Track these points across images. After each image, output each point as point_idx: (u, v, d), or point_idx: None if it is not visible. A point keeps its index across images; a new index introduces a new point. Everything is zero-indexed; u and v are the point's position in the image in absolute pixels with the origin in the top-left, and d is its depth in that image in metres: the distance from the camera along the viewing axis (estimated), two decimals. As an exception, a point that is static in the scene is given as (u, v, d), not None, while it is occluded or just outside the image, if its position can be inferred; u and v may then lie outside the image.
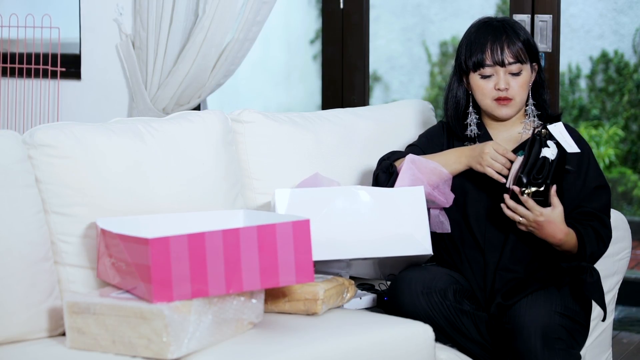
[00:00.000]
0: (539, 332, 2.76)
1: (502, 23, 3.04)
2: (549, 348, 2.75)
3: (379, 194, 2.97)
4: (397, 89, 7.37)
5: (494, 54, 2.99)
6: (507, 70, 3.00)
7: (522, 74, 3.01)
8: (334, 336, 2.65)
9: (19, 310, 2.58)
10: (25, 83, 4.39)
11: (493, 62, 2.99)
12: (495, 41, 3.00)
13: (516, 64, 2.99)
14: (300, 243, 2.55)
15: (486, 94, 3.03)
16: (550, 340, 2.76)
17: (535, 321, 2.77)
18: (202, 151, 2.96)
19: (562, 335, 2.80)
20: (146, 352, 2.43)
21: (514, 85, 3.00)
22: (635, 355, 4.35)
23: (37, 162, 2.70)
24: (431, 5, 7.27)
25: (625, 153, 6.92)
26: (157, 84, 4.10)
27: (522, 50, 3.00)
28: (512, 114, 3.05)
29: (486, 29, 3.03)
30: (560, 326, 2.80)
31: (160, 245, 2.41)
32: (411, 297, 2.87)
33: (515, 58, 2.99)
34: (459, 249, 3.04)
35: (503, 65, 2.99)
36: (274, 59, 7.29)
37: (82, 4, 4.33)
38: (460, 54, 3.06)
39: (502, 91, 3.00)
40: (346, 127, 3.39)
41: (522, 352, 2.76)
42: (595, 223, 2.94)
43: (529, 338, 2.75)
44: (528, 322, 2.77)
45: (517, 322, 2.79)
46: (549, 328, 2.77)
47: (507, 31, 3.01)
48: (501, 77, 3.00)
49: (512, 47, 2.99)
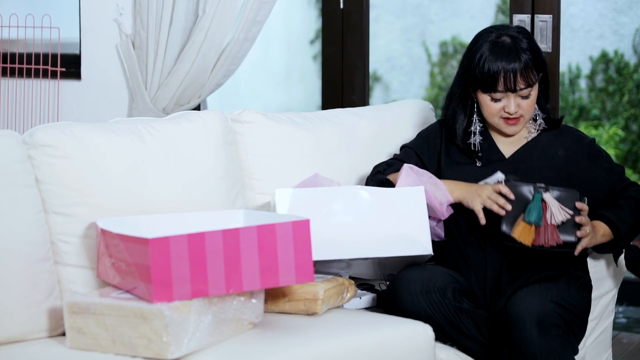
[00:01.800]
0: (534, 320, 2.77)
1: (511, 41, 2.98)
2: (545, 334, 2.76)
3: (379, 194, 2.97)
4: (397, 89, 7.37)
5: (506, 81, 2.96)
6: (517, 95, 3.00)
7: (531, 95, 3.01)
8: (334, 336, 2.65)
9: (19, 310, 2.57)
10: (25, 83, 4.39)
11: (505, 89, 2.98)
12: (509, 69, 2.96)
13: (527, 88, 2.99)
14: (300, 243, 2.55)
15: (494, 113, 3.03)
16: (546, 327, 2.77)
17: (530, 309, 2.79)
18: (202, 151, 2.96)
19: (559, 322, 2.81)
20: (146, 352, 2.43)
21: (523, 105, 3.01)
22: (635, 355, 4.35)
23: (37, 162, 2.70)
24: (431, 5, 7.26)
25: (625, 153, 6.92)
26: (157, 84, 4.10)
27: (533, 71, 2.98)
28: (520, 130, 3.07)
29: (499, 52, 2.97)
30: (555, 313, 2.81)
31: (160, 245, 2.41)
32: (410, 296, 2.87)
33: (527, 84, 2.98)
34: (460, 249, 3.04)
35: (514, 91, 2.99)
36: (274, 59, 7.29)
37: (82, 4, 4.33)
38: (471, 69, 3.01)
39: (513, 114, 3.01)
40: (346, 127, 3.38)
41: (518, 340, 2.77)
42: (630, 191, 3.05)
43: (524, 326, 2.77)
44: (523, 311, 2.79)
45: (513, 311, 2.80)
46: (544, 315, 2.79)
47: (520, 55, 2.96)
48: (512, 101, 3.00)
49: (524, 73, 2.96)
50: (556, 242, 2.89)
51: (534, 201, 2.90)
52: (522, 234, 2.90)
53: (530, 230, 2.90)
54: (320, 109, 4.19)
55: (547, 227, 2.89)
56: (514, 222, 2.91)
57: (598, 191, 3.05)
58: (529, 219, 2.89)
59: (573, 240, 2.91)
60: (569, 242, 2.90)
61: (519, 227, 2.90)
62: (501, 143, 3.10)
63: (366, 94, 4.38)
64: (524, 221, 2.90)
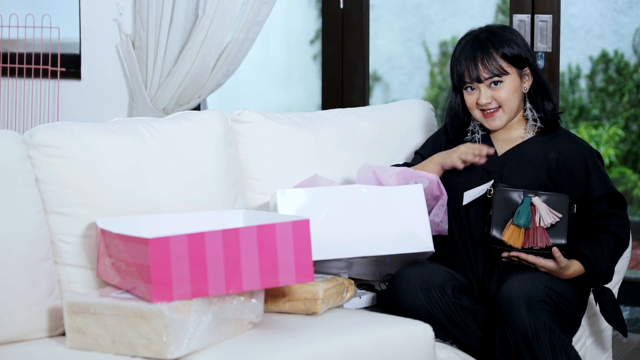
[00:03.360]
0: (522, 297, 2.79)
1: (485, 35, 3.07)
2: (533, 310, 2.78)
3: (379, 193, 2.98)
4: (397, 89, 7.37)
5: (470, 71, 3.05)
6: (486, 85, 3.04)
7: (503, 85, 3.04)
8: (334, 336, 2.66)
9: (19, 310, 2.57)
10: (25, 83, 4.39)
11: (470, 79, 3.05)
12: (471, 58, 3.05)
13: (493, 77, 3.03)
14: (300, 243, 2.55)
15: (472, 107, 3.10)
16: (534, 302, 2.79)
17: (520, 288, 2.81)
18: (202, 151, 2.96)
19: (547, 300, 2.83)
20: (146, 352, 2.43)
21: (497, 96, 3.05)
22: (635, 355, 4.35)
23: (37, 162, 2.70)
24: (431, 5, 7.27)
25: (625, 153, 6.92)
26: (157, 84, 4.10)
27: (497, 62, 3.03)
28: (501, 125, 3.09)
29: (465, 45, 3.08)
30: (545, 294, 2.84)
31: (160, 245, 2.41)
32: (410, 293, 2.88)
33: (491, 73, 3.03)
34: (458, 245, 3.05)
35: (480, 81, 3.04)
36: (274, 59, 7.29)
37: (82, 4, 4.33)
38: (452, 70, 3.12)
39: (484, 105, 3.05)
40: (346, 127, 3.39)
41: (507, 317, 2.79)
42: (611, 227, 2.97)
43: (512, 303, 2.79)
44: (512, 290, 2.81)
45: (503, 292, 2.83)
46: (532, 293, 2.81)
47: (484, 46, 3.05)
48: (482, 92, 3.06)
49: (487, 62, 3.04)
50: (545, 243, 2.91)
51: (522, 205, 2.93)
52: (511, 236, 2.92)
53: (519, 233, 2.92)
54: (320, 109, 4.19)
55: (536, 229, 2.91)
56: (503, 227, 2.93)
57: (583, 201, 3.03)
58: (517, 222, 2.92)
59: (563, 242, 2.92)
60: (559, 245, 2.91)
61: (509, 230, 2.93)
62: (498, 142, 3.13)
63: (366, 94, 4.38)
64: (513, 224, 2.92)
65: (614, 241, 2.97)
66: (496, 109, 3.06)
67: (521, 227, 2.92)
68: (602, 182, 3.02)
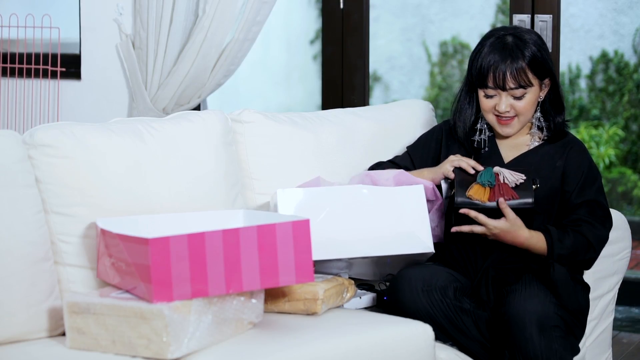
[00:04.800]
0: (535, 321, 2.76)
1: (513, 40, 2.99)
2: (546, 336, 2.76)
3: (380, 193, 2.98)
4: (397, 89, 7.37)
5: (496, 78, 2.97)
6: (509, 94, 2.99)
7: (525, 97, 2.99)
8: (334, 336, 2.66)
9: (19, 310, 2.57)
10: (25, 83, 4.39)
11: (495, 86, 2.99)
12: (499, 65, 2.96)
13: (518, 89, 2.98)
14: (300, 243, 2.55)
15: (487, 111, 3.04)
16: (547, 328, 2.77)
17: (531, 310, 2.78)
18: (202, 151, 2.96)
19: (559, 323, 2.80)
20: (146, 352, 2.43)
21: (517, 106, 3.00)
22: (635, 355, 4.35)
23: (37, 162, 2.70)
24: (431, 5, 7.27)
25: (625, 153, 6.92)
26: (157, 84, 4.10)
27: (526, 74, 2.97)
28: (513, 133, 3.06)
29: (494, 48, 2.98)
30: (556, 314, 2.81)
31: (160, 245, 2.41)
32: (412, 294, 2.87)
33: (517, 84, 2.97)
34: (458, 246, 3.04)
35: (505, 90, 2.99)
36: (274, 59, 7.29)
37: (82, 4, 4.33)
38: (471, 66, 3.04)
39: (503, 113, 3.01)
40: (346, 127, 3.39)
41: (519, 342, 2.76)
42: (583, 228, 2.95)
43: (525, 327, 2.76)
44: (523, 312, 2.78)
45: (513, 313, 2.80)
46: (545, 316, 2.78)
47: (514, 53, 2.96)
48: (502, 100, 3.00)
49: (515, 72, 2.96)
50: (512, 196, 2.90)
51: (485, 169, 2.95)
52: (476, 192, 2.92)
53: (484, 190, 2.92)
54: (320, 109, 4.19)
55: (501, 185, 2.91)
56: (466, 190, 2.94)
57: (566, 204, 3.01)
58: (481, 180, 2.92)
59: (530, 201, 2.91)
60: (527, 205, 2.90)
61: (473, 188, 2.93)
62: (503, 147, 3.10)
63: (366, 94, 4.38)
64: (477, 183, 2.93)
65: (581, 240, 2.94)
66: (512, 117, 3.01)
67: (485, 186, 2.92)
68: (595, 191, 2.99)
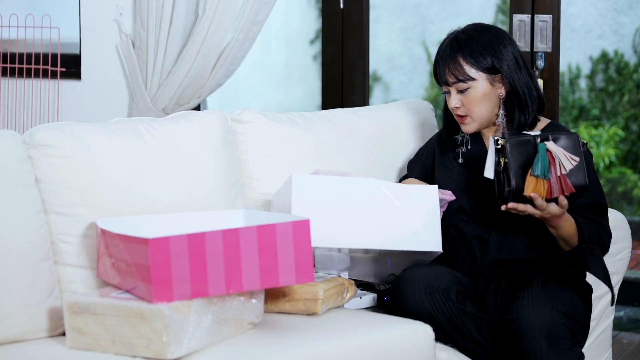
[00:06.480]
0: (544, 333, 2.75)
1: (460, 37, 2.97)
2: (554, 348, 2.75)
3: (395, 189, 2.97)
4: (397, 89, 7.37)
5: (437, 73, 3.00)
6: (455, 89, 2.98)
7: (469, 91, 2.96)
8: (334, 336, 2.66)
9: (19, 310, 2.58)
10: (25, 83, 4.39)
11: (438, 81, 3.01)
12: (439, 60, 2.99)
13: (458, 83, 2.96)
14: (300, 243, 2.55)
15: (448, 110, 3.06)
16: (555, 339, 2.76)
17: (539, 321, 2.76)
18: (202, 151, 2.96)
19: (566, 335, 2.80)
20: (146, 352, 2.43)
21: (465, 102, 2.98)
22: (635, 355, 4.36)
23: (37, 162, 2.70)
24: (431, 5, 7.27)
25: (625, 153, 6.93)
26: (157, 84, 4.10)
27: (462, 67, 2.94)
28: (473, 130, 3.03)
29: (441, 45, 3.01)
30: (563, 325, 2.80)
31: (160, 245, 2.41)
32: (414, 295, 2.87)
33: (455, 77, 2.96)
34: (459, 248, 3.04)
35: (447, 84, 2.99)
36: (274, 59, 7.30)
37: (82, 4, 4.33)
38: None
39: (453, 109, 3.00)
40: (346, 127, 3.39)
41: (527, 353, 2.75)
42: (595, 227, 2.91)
43: (534, 339, 2.75)
44: (531, 323, 2.77)
45: (521, 323, 2.78)
46: (553, 327, 2.77)
47: (452, 47, 2.96)
48: (452, 95, 2.99)
49: (452, 66, 2.95)
50: (570, 190, 2.79)
51: (539, 153, 2.78)
52: (535, 189, 2.77)
53: (542, 184, 2.77)
54: (320, 109, 4.19)
55: (558, 178, 2.78)
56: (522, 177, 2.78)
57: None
58: (535, 173, 2.76)
59: (584, 184, 2.79)
60: (582, 186, 2.79)
61: (531, 184, 2.77)
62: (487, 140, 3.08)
63: (366, 94, 4.38)
64: (532, 176, 2.77)
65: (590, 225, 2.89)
66: (465, 115, 2.99)
67: (539, 178, 2.77)
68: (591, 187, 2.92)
